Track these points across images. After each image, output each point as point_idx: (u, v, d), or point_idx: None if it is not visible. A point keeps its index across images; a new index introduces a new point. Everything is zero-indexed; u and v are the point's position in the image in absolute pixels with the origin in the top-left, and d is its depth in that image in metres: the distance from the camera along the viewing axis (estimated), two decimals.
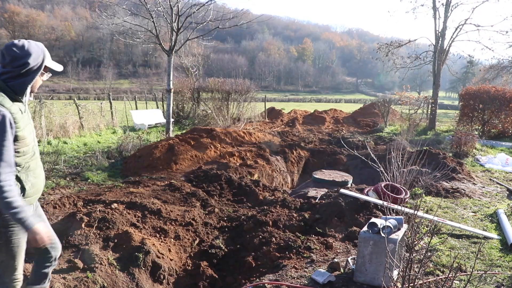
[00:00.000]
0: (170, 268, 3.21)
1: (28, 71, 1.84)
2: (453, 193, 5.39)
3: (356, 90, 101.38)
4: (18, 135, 1.83)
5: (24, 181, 1.91)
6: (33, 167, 1.99)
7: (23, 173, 1.92)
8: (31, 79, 1.88)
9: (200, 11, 9.76)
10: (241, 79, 18.24)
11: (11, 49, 1.81)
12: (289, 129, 13.47)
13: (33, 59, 1.84)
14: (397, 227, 2.69)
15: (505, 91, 11.90)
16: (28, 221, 1.79)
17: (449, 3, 12.71)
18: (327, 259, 3.18)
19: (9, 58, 1.80)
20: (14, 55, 1.80)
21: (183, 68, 19.38)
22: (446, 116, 23.15)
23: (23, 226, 1.80)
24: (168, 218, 3.97)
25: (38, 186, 2.03)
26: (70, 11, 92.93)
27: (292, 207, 4.57)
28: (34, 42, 1.90)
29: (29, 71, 1.85)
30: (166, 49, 9.68)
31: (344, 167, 8.38)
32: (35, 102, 9.81)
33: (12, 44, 1.83)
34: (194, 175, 6.06)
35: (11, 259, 1.94)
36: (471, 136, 8.84)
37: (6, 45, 1.82)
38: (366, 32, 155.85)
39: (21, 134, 1.84)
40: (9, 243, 1.90)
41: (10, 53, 1.80)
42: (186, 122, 14.77)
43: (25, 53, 1.82)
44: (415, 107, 15.46)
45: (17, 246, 1.96)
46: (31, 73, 1.86)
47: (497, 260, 3.18)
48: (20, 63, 1.81)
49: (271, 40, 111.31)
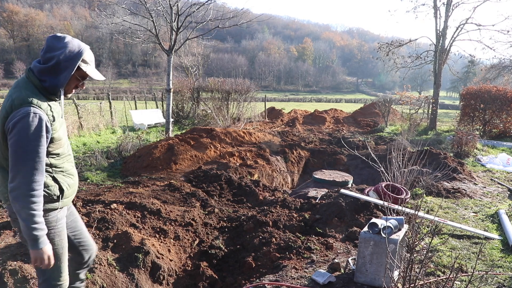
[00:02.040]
0: (169, 268, 3.20)
1: (57, 66, 1.71)
2: (454, 193, 5.37)
3: (356, 90, 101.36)
4: (54, 137, 1.75)
5: (62, 182, 1.85)
6: (69, 168, 1.93)
7: (60, 175, 1.85)
8: (63, 78, 1.74)
9: (199, 10, 9.74)
10: (241, 78, 18.22)
11: (50, 40, 1.73)
12: (289, 129, 13.45)
13: (64, 54, 1.71)
14: (398, 227, 2.68)
15: (506, 90, 11.87)
16: (41, 240, 1.67)
17: (450, 2, 12.68)
18: (328, 259, 3.17)
19: (45, 48, 1.73)
20: (50, 45, 1.72)
21: (183, 68, 19.38)
22: (447, 116, 23.13)
23: (32, 243, 1.66)
24: (167, 219, 3.95)
25: (74, 186, 1.97)
26: (69, 11, 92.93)
27: (292, 207, 4.56)
28: (78, 42, 1.79)
29: (59, 67, 1.71)
30: (165, 49, 9.66)
31: (345, 167, 8.36)
32: None
33: (54, 36, 1.74)
34: (194, 175, 6.04)
35: (56, 260, 1.87)
36: (472, 136, 8.82)
37: (49, 36, 1.75)
38: (367, 32, 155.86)
39: (56, 136, 1.77)
40: (52, 244, 1.82)
41: (48, 43, 1.72)
42: (185, 122, 14.75)
43: (61, 45, 1.71)
44: (416, 107, 15.44)
45: (61, 247, 1.90)
46: (62, 70, 1.72)
47: (498, 261, 3.17)
48: (51, 55, 1.70)
49: (271, 39, 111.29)
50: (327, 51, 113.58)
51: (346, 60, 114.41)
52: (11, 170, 1.64)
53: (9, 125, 1.62)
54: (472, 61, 40.53)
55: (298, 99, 62.15)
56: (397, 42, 14.27)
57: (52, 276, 1.92)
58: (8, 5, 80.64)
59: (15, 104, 1.65)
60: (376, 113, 17.09)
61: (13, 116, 1.62)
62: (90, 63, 1.84)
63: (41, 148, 1.66)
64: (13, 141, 1.62)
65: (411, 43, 14.33)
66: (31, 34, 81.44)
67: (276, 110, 19.00)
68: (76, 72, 1.79)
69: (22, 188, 1.62)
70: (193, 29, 10.16)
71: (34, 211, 1.64)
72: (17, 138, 1.61)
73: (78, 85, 1.87)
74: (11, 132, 1.62)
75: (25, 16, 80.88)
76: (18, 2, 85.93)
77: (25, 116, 1.61)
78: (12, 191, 1.63)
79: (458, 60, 15.74)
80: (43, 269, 1.83)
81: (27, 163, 1.62)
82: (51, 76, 1.73)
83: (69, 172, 1.92)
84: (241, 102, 14.97)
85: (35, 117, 1.63)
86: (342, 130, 14.02)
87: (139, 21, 10.37)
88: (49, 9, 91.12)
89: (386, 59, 14.45)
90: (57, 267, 1.91)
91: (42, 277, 1.93)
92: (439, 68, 13.07)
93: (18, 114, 1.62)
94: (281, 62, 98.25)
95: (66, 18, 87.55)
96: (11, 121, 1.62)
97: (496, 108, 11.69)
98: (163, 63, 59.95)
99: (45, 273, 1.90)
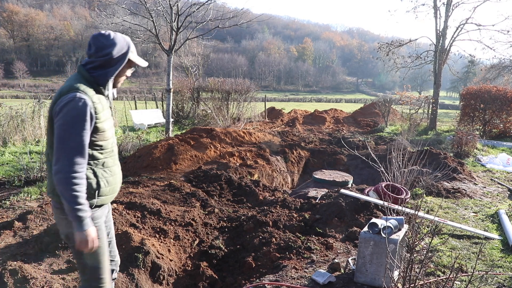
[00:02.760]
0: (169, 268, 3.20)
1: (110, 61, 1.80)
2: (454, 193, 5.37)
3: (356, 90, 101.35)
4: (98, 126, 1.76)
5: (100, 177, 1.83)
6: (110, 164, 1.91)
7: (100, 169, 1.84)
8: (114, 70, 1.83)
9: (199, 10, 9.74)
10: (241, 78, 18.22)
11: (97, 39, 1.78)
12: (289, 129, 13.45)
13: (117, 49, 1.80)
14: (398, 227, 2.68)
15: (506, 90, 11.87)
16: (85, 222, 1.68)
17: (450, 2, 12.68)
18: (328, 259, 3.17)
19: (94, 48, 1.78)
20: (99, 44, 1.77)
21: (183, 68, 19.38)
22: (447, 116, 23.13)
23: (78, 226, 1.68)
24: (167, 219, 3.95)
25: (114, 185, 1.94)
26: (69, 11, 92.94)
27: (292, 207, 4.55)
28: (120, 34, 1.87)
29: (112, 62, 1.80)
30: (165, 49, 9.66)
31: (345, 167, 8.36)
32: (35, 102, 9.79)
33: (99, 34, 1.79)
34: (194, 175, 6.04)
35: (96, 261, 1.87)
36: (472, 136, 8.81)
37: (93, 35, 1.80)
38: (367, 32, 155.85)
39: (100, 126, 1.78)
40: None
41: (96, 43, 1.78)
42: (185, 122, 14.75)
43: (110, 42, 1.79)
44: (416, 107, 15.43)
45: (101, 246, 1.87)
46: (114, 64, 1.82)
47: (498, 261, 3.17)
48: (104, 52, 1.78)
49: (271, 39, 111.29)
50: (327, 51, 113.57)
51: (346, 60, 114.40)
52: (55, 153, 1.68)
53: (56, 109, 1.68)
54: (472, 61, 40.54)
55: (298, 99, 62.15)
56: (397, 42, 14.26)
57: (93, 277, 1.89)
58: (8, 5, 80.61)
59: (63, 91, 1.72)
60: (376, 113, 17.09)
61: (61, 100, 1.69)
62: (134, 52, 1.92)
63: (85, 132, 1.69)
64: (58, 124, 1.67)
65: (411, 43, 14.32)
66: (31, 34, 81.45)
67: (276, 110, 19.00)
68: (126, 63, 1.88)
69: (65, 169, 1.65)
70: (193, 29, 10.16)
71: (77, 192, 1.66)
72: (62, 122, 1.66)
73: (127, 74, 1.95)
74: (57, 115, 1.68)
75: (25, 16, 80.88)
76: (18, 2, 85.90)
77: (71, 100, 1.67)
78: (56, 173, 1.66)
79: (458, 60, 15.74)
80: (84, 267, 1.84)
81: (70, 145, 1.66)
82: (103, 69, 1.81)
83: (110, 169, 1.90)
84: (241, 102, 14.97)
85: (80, 101, 1.68)
86: (342, 130, 14.02)
87: (139, 21, 10.36)
88: (49, 9, 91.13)
89: (386, 59, 14.44)
90: (96, 268, 1.88)
91: (82, 277, 1.92)
92: (439, 68, 13.07)
93: (65, 99, 1.68)
94: (281, 62, 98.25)
95: (66, 18, 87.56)
96: (58, 106, 1.68)
97: (496, 108, 11.68)
98: (163, 63, 59.93)
99: (86, 273, 1.89)
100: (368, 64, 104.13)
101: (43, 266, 2.87)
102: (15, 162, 6.63)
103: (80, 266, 1.90)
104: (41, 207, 4.08)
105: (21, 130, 8.82)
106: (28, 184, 5.35)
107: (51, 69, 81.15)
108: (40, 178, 5.52)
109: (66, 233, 1.82)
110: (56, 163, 1.66)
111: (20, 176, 5.54)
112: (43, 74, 78.31)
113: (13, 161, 6.76)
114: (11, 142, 8.29)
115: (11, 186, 5.31)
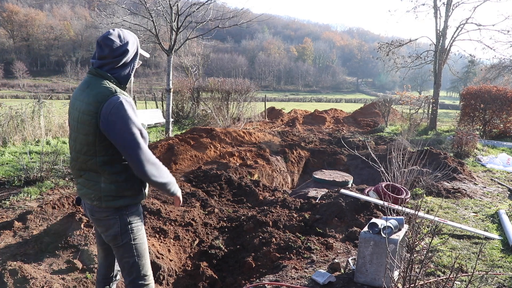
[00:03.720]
0: (169, 268, 3.19)
1: (128, 58, 1.82)
2: (454, 193, 5.37)
3: (356, 89, 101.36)
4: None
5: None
6: None
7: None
8: (133, 65, 1.88)
9: (199, 10, 9.73)
10: (241, 78, 18.21)
11: (109, 39, 1.75)
12: (289, 129, 13.45)
13: (130, 45, 1.82)
14: (398, 227, 2.68)
15: (507, 90, 11.87)
16: (177, 189, 1.94)
17: (450, 2, 12.67)
18: (328, 259, 3.17)
19: (108, 49, 1.75)
20: (113, 45, 1.75)
21: (183, 68, 19.37)
22: (447, 116, 23.12)
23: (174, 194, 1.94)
24: (167, 218, 3.95)
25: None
26: (69, 10, 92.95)
27: (292, 207, 4.55)
28: (126, 30, 1.87)
29: (129, 58, 1.83)
30: (165, 49, 9.65)
31: (345, 167, 8.35)
32: (34, 102, 9.79)
33: (108, 34, 1.77)
34: (194, 175, 6.04)
35: (140, 258, 1.92)
36: (472, 136, 8.81)
37: (103, 37, 1.76)
38: (367, 32, 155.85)
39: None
40: (137, 239, 1.89)
41: (109, 43, 1.75)
42: (185, 122, 14.74)
43: (123, 40, 1.79)
44: (416, 107, 15.43)
45: (142, 242, 1.93)
46: (131, 60, 1.85)
47: (498, 261, 3.16)
48: (120, 51, 1.78)
49: (271, 39, 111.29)
50: (327, 51, 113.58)
51: (346, 60, 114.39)
52: (129, 159, 1.74)
53: (108, 118, 1.68)
54: (472, 61, 40.55)
55: (298, 99, 62.15)
56: (397, 42, 14.26)
57: (139, 275, 1.93)
58: (8, 5, 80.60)
59: (99, 100, 1.69)
60: (376, 113, 17.08)
61: (107, 108, 1.68)
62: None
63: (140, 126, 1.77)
64: (118, 130, 1.69)
65: (411, 43, 14.32)
66: (31, 34, 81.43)
67: (276, 110, 18.99)
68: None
69: (147, 167, 1.74)
70: (193, 29, 10.15)
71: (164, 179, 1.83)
72: (120, 126, 1.68)
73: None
74: (112, 123, 1.68)
75: (25, 16, 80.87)
76: (18, 2, 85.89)
77: (119, 104, 1.69)
78: (143, 176, 1.76)
79: (458, 60, 15.75)
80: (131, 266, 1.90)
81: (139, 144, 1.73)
82: (124, 68, 1.83)
83: None
84: (241, 102, 14.97)
85: (126, 103, 1.72)
86: (342, 130, 14.02)
87: (139, 21, 10.36)
88: (49, 9, 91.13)
89: (386, 59, 14.44)
90: (142, 264, 1.93)
91: (128, 277, 1.94)
92: (439, 68, 13.06)
93: (111, 105, 1.68)
94: (281, 62, 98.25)
95: (66, 18, 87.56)
96: (107, 114, 1.67)
97: (496, 108, 11.68)
98: (163, 63, 59.90)
99: (132, 272, 1.92)
100: (368, 64, 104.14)
101: (43, 266, 2.87)
102: (15, 162, 6.63)
103: (126, 266, 1.92)
104: (41, 207, 4.07)
105: (21, 130, 8.82)
106: (28, 184, 5.35)
107: (51, 69, 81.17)
108: (40, 178, 5.51)
109: (115, 234, 1.85)
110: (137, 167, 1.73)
111: (20, 176, 5.54)
112: (43, 74, 78.31)
113: (13, 161, 6.76)
114: (11, 142, 8.29)
115: (11, 186, 5.31)
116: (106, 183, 1.78)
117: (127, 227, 1.86)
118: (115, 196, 1.80)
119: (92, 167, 1.79)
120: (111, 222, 1.84)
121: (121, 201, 1.82)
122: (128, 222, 1.86)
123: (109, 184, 1.78)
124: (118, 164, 1.79)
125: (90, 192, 1.83)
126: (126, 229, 1.85)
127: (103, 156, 1.76)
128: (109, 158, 1.77)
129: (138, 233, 1.91)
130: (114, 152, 1.77)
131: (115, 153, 1.77)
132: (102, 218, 1.86)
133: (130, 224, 1.86)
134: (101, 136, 1.72)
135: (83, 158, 1.79)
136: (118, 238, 1.86)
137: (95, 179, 1.80)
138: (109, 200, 1.80)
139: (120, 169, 1.80)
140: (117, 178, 1.79)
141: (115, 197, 1.80)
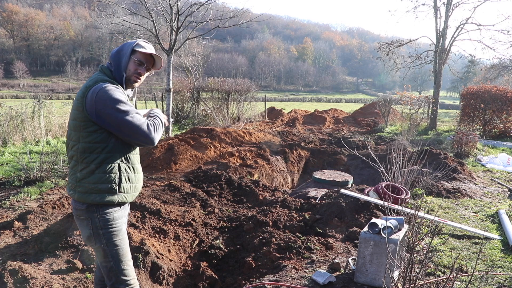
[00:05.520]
0: (169, 268, 3.19)
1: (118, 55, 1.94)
2: (454, 193, 5.37)
3: (356, 89, 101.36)
4: None
5: (123, 171, 1.88)
6: (134, 161, 1.97)
7: (124, 164, 1.89)
8: (124, 63, 1.93)
9: (199, 10, 9.73)
10: (241, 78, 18.21)
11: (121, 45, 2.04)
12: (289, 129, 13.44)
13: (123, 46, 1.96)
14: (398, 227, 2.67)
15: (507, 90, 11.87)
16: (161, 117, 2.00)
17: (450, 2, 12.68)
18: (328, 259, 3.17)
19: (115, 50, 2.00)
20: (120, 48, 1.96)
21: (183, 68, 19.38)
22: (447, 116, 23.11)
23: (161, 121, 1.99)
24: (167, 219, 3.95)
25: (135, 183, 1.98)
26: (69, 10, 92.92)
27: (292, 207, 4.55)
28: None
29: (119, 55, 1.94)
30: (165, 49, 9.65)
31: (345, 167, 8.35)
32: (34, 102, 9.79)
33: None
34: (194, 175, 6.04)
35: (118, 263, 1.89)
36: (472, 136, 8.81)
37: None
38: (367, 32, 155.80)
39: None
40: (110, 245, 1.86)
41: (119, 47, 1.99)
42: (185, 122, 14.74)
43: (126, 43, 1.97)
44: (416, 106, 15.43)
45: (121, 247, 1.90)
46: (121, 58, 1.94)
47: (498, 261, 3.16)
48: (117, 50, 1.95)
49: (271, 39, 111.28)
50: (327, 51, 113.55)
51: (346, 60, 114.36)
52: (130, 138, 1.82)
53: (93, 105, 1.73)
54: (472, 61, 40.55)
55: (298, 99, 62.12)
56: (397, 42, 14.26)
57: (118, 280, 1.92)
58: (8, 5, 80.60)
59: (89, 85, 1.79)
60: (376, 113, 17.08)
61: (92, 94, 1.74)
62: (146, 47, 1.96)
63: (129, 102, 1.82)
64: (108, 111, 1.73)
65: (411, 43, 14.32)
66: (31, 34, 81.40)
67: (276, 110, 18.99)
68: (133, 55, 1.92)
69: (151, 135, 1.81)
70: (193, 29, 10.15)
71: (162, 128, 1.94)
72: (110, 109, 1.73)
73: (140, 70, 1.97)
74: (99, 107, 1.73)
75: (25, 16, 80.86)
76: (18, 2, 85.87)
77: (102, 88, 1.75)
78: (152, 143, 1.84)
79: (458, 60, 15.74)
80: (109, 271, 1.90)
81: (133, 118, 1.77)
82: (115, 64, 1.91)
83: (133, 166, 1.96)
84: (241, 102, 14.96)
85: (110, 86, 1.78)
86: (342, 130, 14.01)
87: (139, 21, 10.36)
88: (49, 9, 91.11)
89: (386, 59, 14.44)
90: (120, 270, 1.91)
91: (109, 282, 1.94)
92: (439, 68, 13.06)
93: (96, 90, 1.74)
94: (281, 62, 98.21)
95: (66, 18, 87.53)
96: (93, 100, 1.74)
97: (496, 108, 11.68)
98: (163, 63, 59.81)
99: (111, 277, 1.91)
100: (368, 64, 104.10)
101: (43, 266, 2.87)
102: (15, 162, 6.63)
103: (105, 270, 1.91)
104: (41, 207, 4.07)
105: (21, 130, 8.82)
106: (28, 184, 5.35)
107: (51, 69, 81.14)
108: (40, 178, 5.51)
109: (88, 235, 1.85)
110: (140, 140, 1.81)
111: (20, 176, 5.54)
112: (43, 74, 78.29)
113: (13, 161, 6.76)
114: (11, 142, 8.28)
115: (11, 186, 5.31)
116: (82, 172, 1.80)
117: (98, 231, 1.84)
118: (89, 188, 1.80)
119: (74, 154, 1.83)
120: (84, 222, 1.85)
121: (93, 196, 1.80)
122: (100, 226, 1.83)
123: (85, 173, 1.80)
124: (97, 154, 1.80)
125: (69, 181, 1.87)
126: (98, 233, 1.84)
127: (84, 143, 1.78)
128: (90, 145, 1.79)
129: (113, 238, 1.87)
130: (96, 140, 1.79)
131: (97, 142, 1.79)
132: (78, 216, 1.87)
133: (102, 228, 1.84)
134: (87, 122, 1.77)
135: (71, 144, 1.84)
136: (91, 240, 1.86)
137: (75, 167, 1.83)
138: (82, 192, 1.80)
139: (98, 160, 1.80)
140: (93, 168, 1.79)
141: (88, 190, 1.80)
